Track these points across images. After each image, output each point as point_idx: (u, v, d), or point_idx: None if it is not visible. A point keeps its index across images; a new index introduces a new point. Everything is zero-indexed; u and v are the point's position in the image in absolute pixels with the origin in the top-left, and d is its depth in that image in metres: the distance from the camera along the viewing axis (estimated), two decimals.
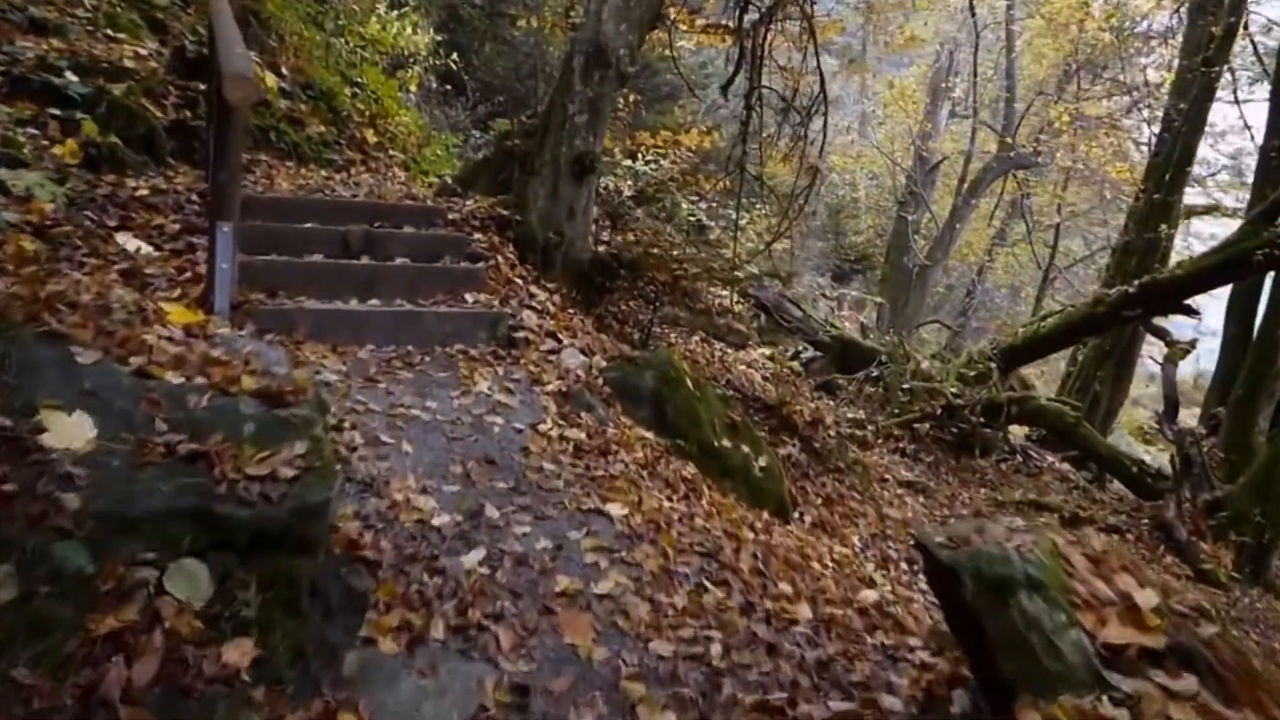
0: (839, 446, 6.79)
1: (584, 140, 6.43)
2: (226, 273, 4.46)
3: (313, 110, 8.19)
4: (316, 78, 8.52)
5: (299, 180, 7.03)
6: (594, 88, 6.39)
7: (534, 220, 6.39)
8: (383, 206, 6.22)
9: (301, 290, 5.08)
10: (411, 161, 9.69)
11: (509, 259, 6.15)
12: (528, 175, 6.55)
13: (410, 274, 5.44)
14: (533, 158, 6.61)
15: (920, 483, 7.75)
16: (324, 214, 5.93)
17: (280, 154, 7.46)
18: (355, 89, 9.06)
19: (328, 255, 5.51)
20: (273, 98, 7.65)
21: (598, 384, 5.06)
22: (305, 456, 2.64)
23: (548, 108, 6.74)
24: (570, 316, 5.87)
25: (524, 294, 5.80)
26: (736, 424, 5.45)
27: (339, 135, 8.42)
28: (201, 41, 6.99)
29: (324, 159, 7.89)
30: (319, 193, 6.63)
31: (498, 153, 7.33)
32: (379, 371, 4.58)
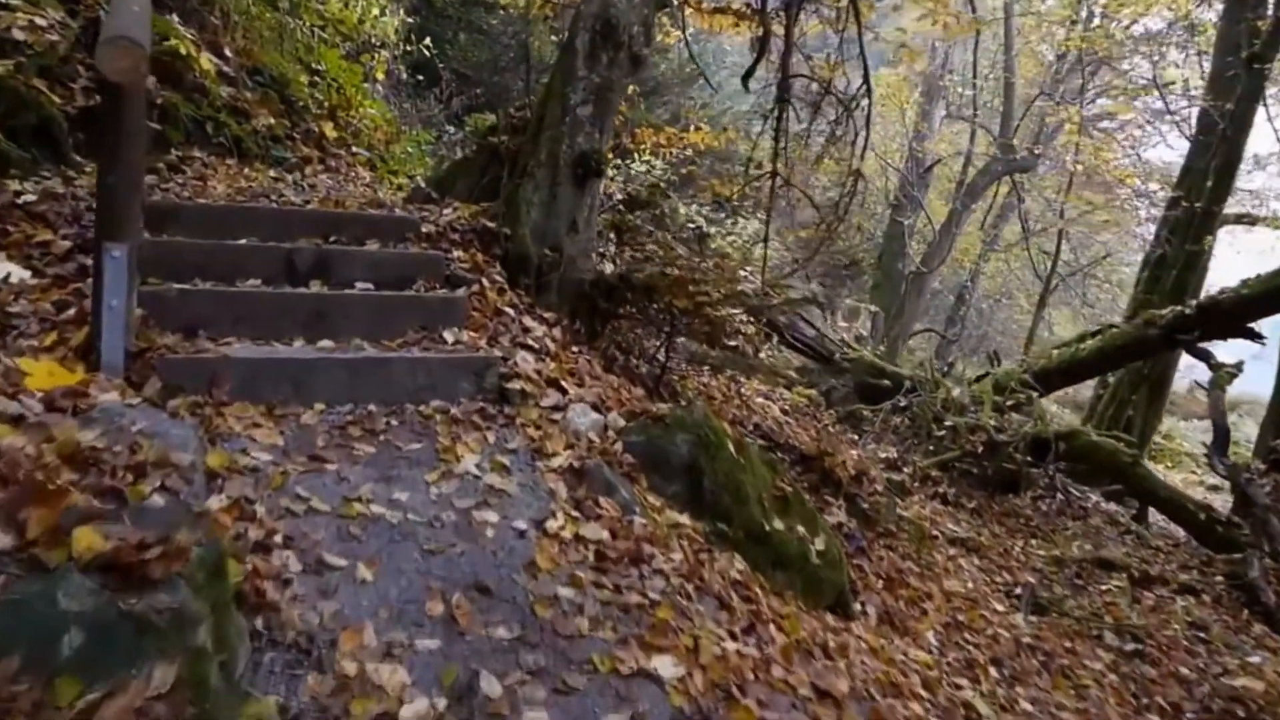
0: (888, 505, 5.68)
1: (588, 137, 5.28)
2: (119, 313, 3.27)
3: (261, 99, 6.97)
4: (267, 62, 7.29)
5: (240, 182, 5.82)
6: (601, 73, 5.24)
7: (526, 234, 5.23)
8: (341, 216, 5.03)
9: (231, 329, 3.90)
10: (378, 160, 8.48)
11: (496, 283, 4.99)
12: (518, 179, 5.38)
13: (373, 305, 4.26)
14: (524, 157, 5.45)
15: (971, 539, 6.67)
16: (266, 226, 4.74)
17: (219, 150, 6.23)
18: (314, 77, 7.84)
19: (268, 281, 4.33)
20: (211, 84, 6.42)
21: (616, 451, 3.92)
22: (170, 698, 1.48)
23: (543, 97, 5.58)
24: (575, 357, 4.72)
25: (516, 328, 4.64)
26: (787, 495, 4.33)
27: (292, 129, 7.20)
28: None
29: (273, 156, 6.68)
30: (263, 197, 5.42)
31: (481, 151, 6.16)
32: (330, 444, 3.41)
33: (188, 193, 5.19)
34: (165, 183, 5.38)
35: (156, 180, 5.37)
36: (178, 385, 3.41)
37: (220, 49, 6.93)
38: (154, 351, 3.47)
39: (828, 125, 6.37)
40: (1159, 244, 11.40)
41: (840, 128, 6.15)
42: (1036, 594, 5.99)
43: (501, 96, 15.72)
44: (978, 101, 20.02)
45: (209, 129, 6.21)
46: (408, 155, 10.08)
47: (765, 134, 6.74)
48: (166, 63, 6.11)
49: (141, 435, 2.80)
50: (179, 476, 2.69)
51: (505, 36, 16.00)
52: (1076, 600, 6.18)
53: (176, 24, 6.69)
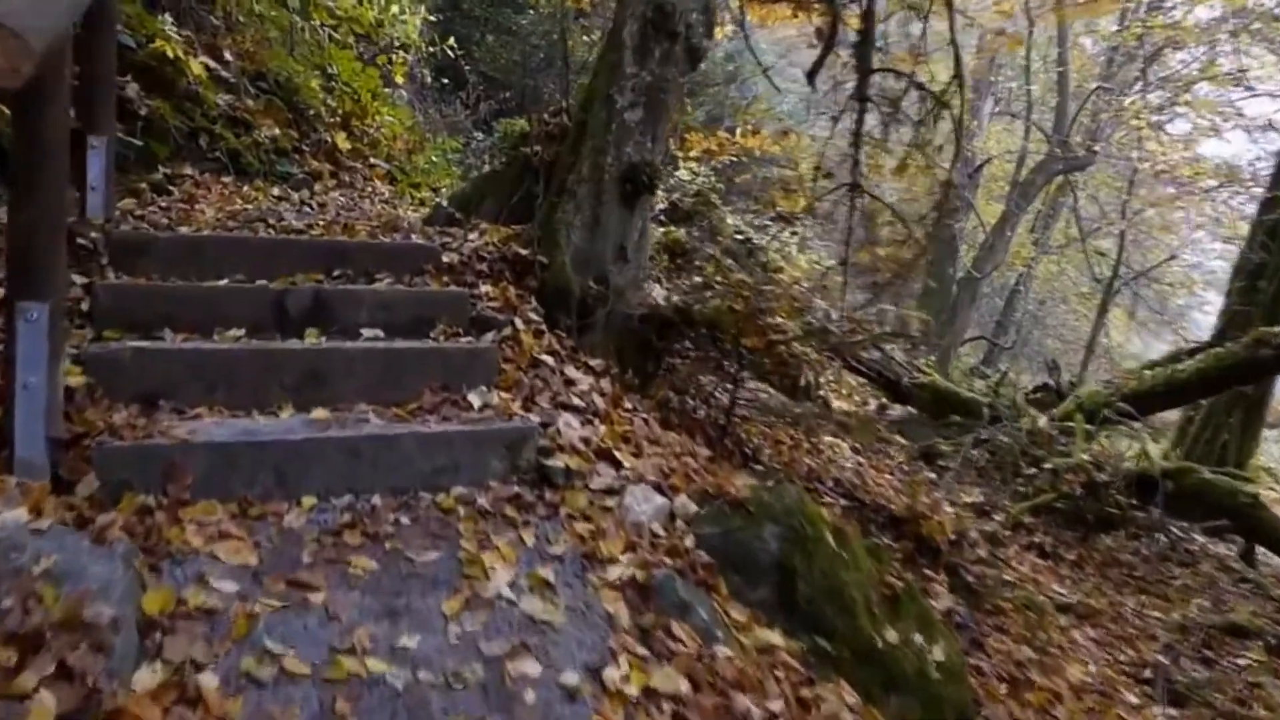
0: (996, 575, 4.80)
1: (638, 146, 4.44)
2: (37, 393, 2.48)
3: (266, 108, 6.21)
4: (274, 67, 6.53)
5: (235, 203, 5.04)
6: (653, 69, 4.40)
7: (566, 262, 4.40)
8: (346, 246, 4.23)
9: (201, 397, 3.11)
10: (398, 171, 7.70)
11: (532, 323, 4.17)
12: (556, 197, 4.56)
13: (381, 360, 3.44)
14: (562, 171, 4.63)
15: (1081, 604, 5.75)
16: (256, 260, 3.95)
17: (213, 166, 5.47)
18: (328, 81, 7.07)
19: (254, 330, 3.53)
20: (206, 91, 5.66)
21: (688, 549, 3.07)
22: None
23: (584, 100, 4.75)
24: (629, 416, 3.88)
25: (558, 382, 3.81)
26: (898, 593, 3.46)
27: (301, 140, 6.44)
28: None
29: (278, 172, 5.91)
30: (259, 222, 4.63)
31: (511, 164, 5.35)
32: (318, 559, 2.59)
33: (169, 219, 4.41)
34: (145, 207, 4.61)
35: (135, 205, 4.61)
36: (122, 483, 2.62)
37: (219, 52, 6.19)
38: (93, 438, 2.68)
39: (910, 126, 5.49)
40: (1253, 250, 10.36)
41: (927, 129, 5.27)
42: (1170, 678, 5.06)
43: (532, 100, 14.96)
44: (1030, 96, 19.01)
45: (202, 142, 5.45)
46: (432, 165, 9.31)
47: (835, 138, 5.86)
48: (153, 68, 5.36)
49: (46, 579, 2.02)
50: (90, 647, 1.91)
51: (535, 37, 15.22)
52: (1214, 682, 5.24)
53: (169, 25, 5.94)
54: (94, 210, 4.04)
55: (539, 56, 15.27)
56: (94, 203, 4.04)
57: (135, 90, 5.04)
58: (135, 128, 5.01)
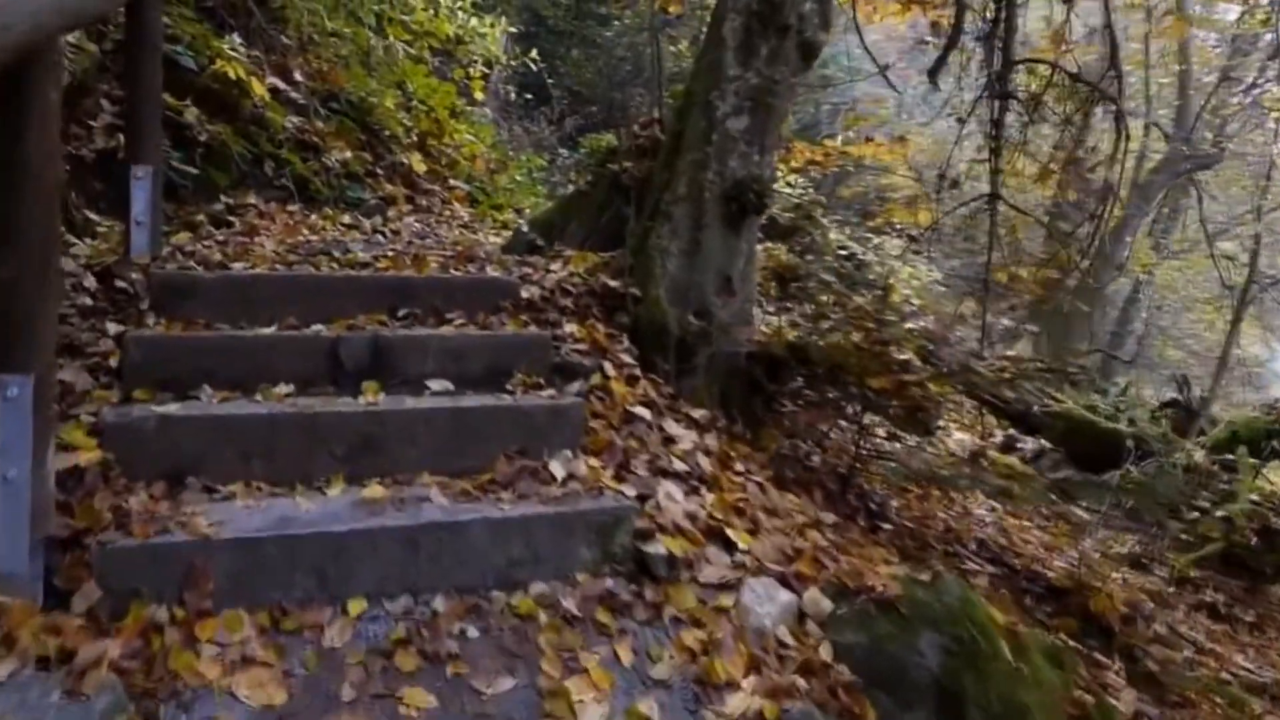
0: (1181, 660, 4.01)
1: (743, 159, 3.84)
2: (21, 488, 2.01)
3: (337, 130, 5.81)
4: (346, 86, 6.14)
5: (299, 234, 4.61)
6: (760, 69, 3.79)
7: (662, 296, 3.81)
8: (413, 283, 3.72)
9: (236, 470, 2.63)
10: (480, 193, 7.25)
11: (624, 367, 3.59)
12: (649, 220, 3.98)
13: (448, 423, 2.91)
14: (656, 190, 4.05)
15: (1272, 683, 4.87)
16: (312, 301, 3.47)
17: (279, 194, 5.07)
18: (406, 99, 6.66)
19: (305, 385, 3.04)
20: (273, 114, 5.28)
21: (823, 663, 2.44)
22: None
23: (679, 109, 4.16)
24: (740, 479, 3.26)
25: (655, 441, 3.22)
26: (1089, 711, 2.75)
27: (375, 163, 6.02)
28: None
29: (348, 198, 5.49)
30: (322, 255, 4.17)
31: (598, 183, 4.80)
32: (363, 692, 2.05)
33: (224, 254, 3.98)
34: (200, 242, 4.21)
35: (190, 239, 4.21)
36: (130, 592, 2.13)
37: (289, 73, 5.82)
38: (97, 534, 2.20)
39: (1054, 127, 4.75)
40: None
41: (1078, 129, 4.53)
42: None
43: (618, 114, 14.51)
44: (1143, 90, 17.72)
45: (267, 169, 5.06)
46: (515, 185, 8.87)
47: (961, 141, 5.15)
48: (216, 91, 4.99)
49: None
50: None
51: (620, 49, 14.78)
52: None
53: (237, 45, 5.59)
54: (139, 248, 3.62)
55: (624, 69, 14.83)
56: (139, 240, 3.63)
57: (195, 115, 4.67)
58: (194, 155, 4.64)
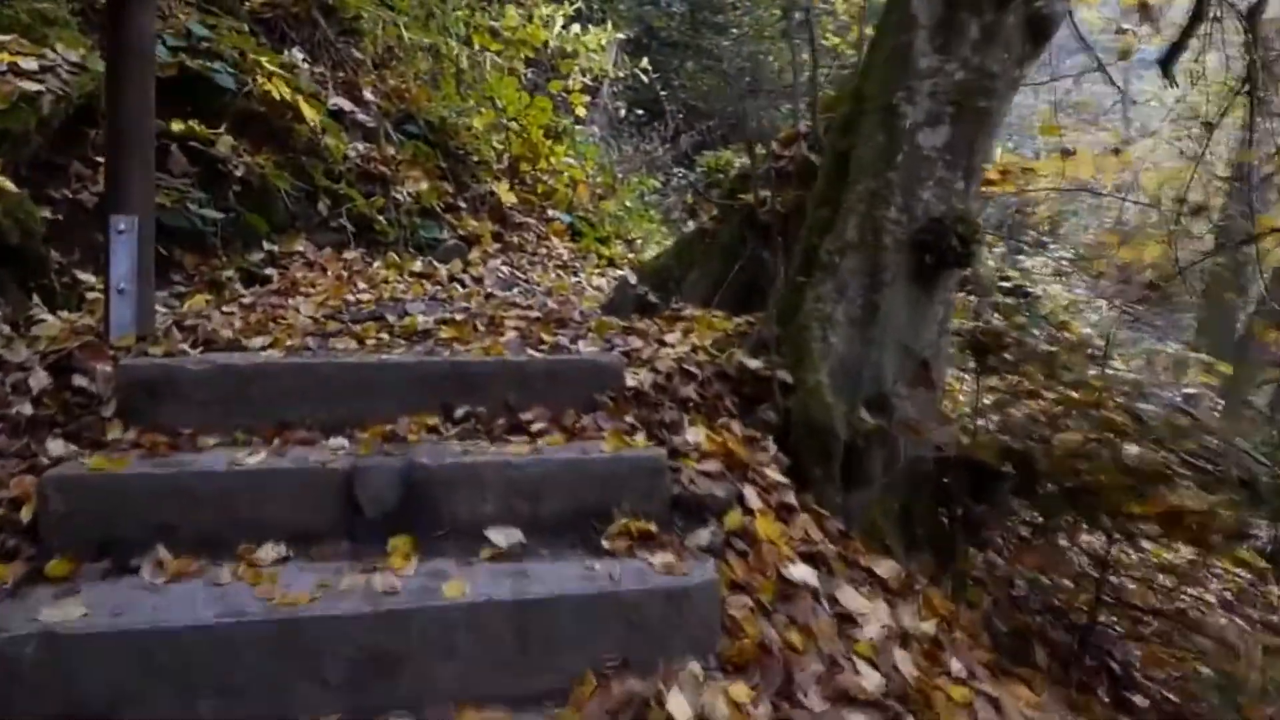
0: None
1: (943, 188, 2.69)
2: None
3: (412, 157, 4.89)
4: (425, 106, 5.23)
5: (351, 291, 3.68)
6: (969, 59, 2.63)
7: (824, 383, 2.69)
8: (476, 369, 2.68)
9: (179, 706, 1.62)
10: (583, 224, 6.25)
11: (773, 492, 2.49)
12: (803, 274, 2.86)
13: (507, 624, 1.86)
14: (811, 233, 2.93)
15: None
16: (334, 397, 2.50)
17: (334, 238, 4.16)
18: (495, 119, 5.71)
19: (303, 544, 2.05)
20: (332, 139, 4.39)
21: None
22: None
23: (844, 118, 3.01)
24: (965, 690, 2.08)
25: (827, 633, 2.09)
26: None
27: (456, 194, 5.08)
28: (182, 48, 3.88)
29: (421, 238, 4.55)
30: (371, 321, 3.21)
31: (725, 219, 3.71)
32: None
33: (243, 324, 3.06)
34: (222, 305, 3.31)
35: (209, 304, 3.33)
36: None
37: (358, 91, 4.94)
38: None
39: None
40: None
41: None
42: None
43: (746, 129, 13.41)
44: None
45: (321, 208, 4.16)
46: (625, 212, 7.86)
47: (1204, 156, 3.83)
48: (260, 116, 4.13)
49: None
50: None
51: (739, 59, 13.69)
52: None
53: (298, 61, 4.75)
54: (120, 325, 2.73)
55: (743, 81, 13.72)
56: (120, 314, 2.74)
57: (230, 145, 3.79)
58: (228, 194, 3.75)
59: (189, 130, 3.69)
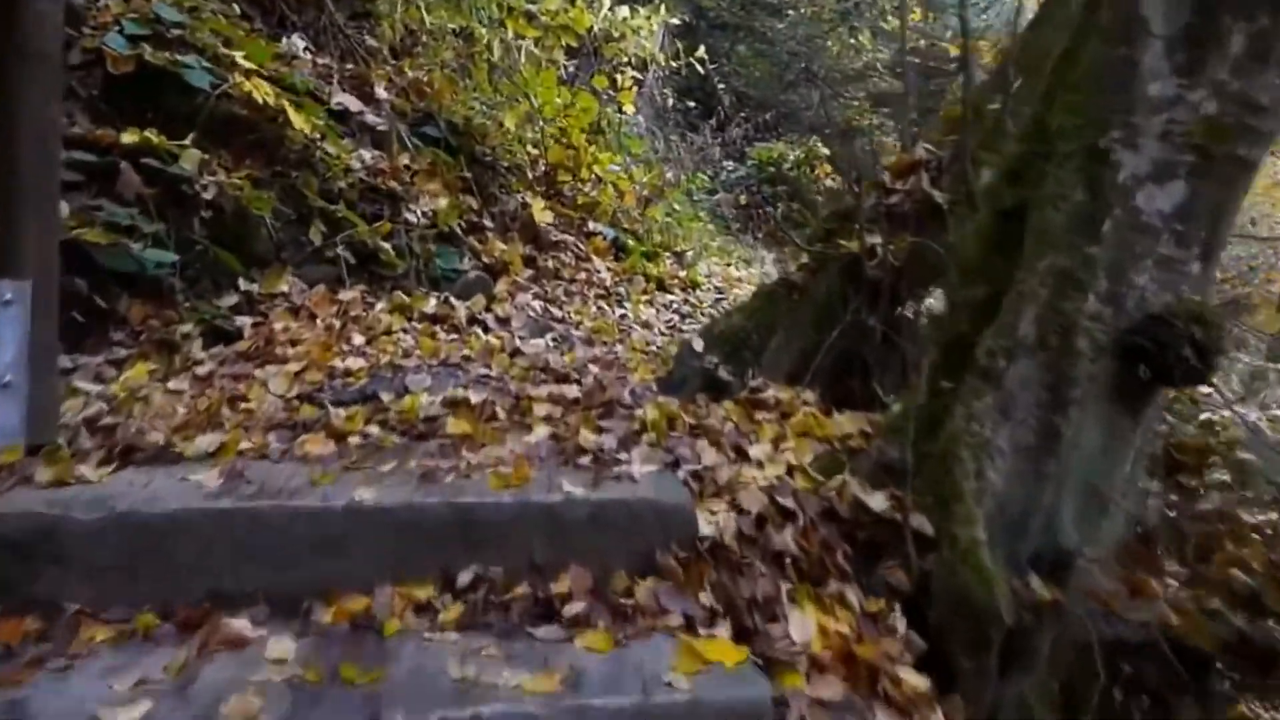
0: None
1: (1169, 271, 1.85)
2: None
3: (430, 166, 4.10)
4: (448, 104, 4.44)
5: (342, 347, 2.92)
6: (1223, 81, 1.78)
7: (978, 539, 1.88)
8: (481, 514, 1.89)
9: None
10: (628, 236, 5.45)
11: (912, 713, 1.67)
12: (946, 376, 2.04)
13: None
14: (951, 318, 2.11)
15: None
16: (281, 560, 1.73)
17: (328, 272, 3.40)
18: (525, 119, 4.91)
19: None
20: (332, 148, 3.62)
21: None
22: None
23: (1016, 163, 2.15)
24: None
25: None
26: None
27: (482, 210, 4.29)
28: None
29: (438, 270, 3.77)
30: (356, 405, 2.44)
31: (820, 270, 2.87)
32: None
33: (200, 404, 2.32)
34: (171, 376, 2.57)
35: (158, 371, 2.58)
36: None
37: (369, 87, 4.16)
38: None
39: None
40: None
41: None
42: None
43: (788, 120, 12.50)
44: None
45: (314, 235, 3.39)
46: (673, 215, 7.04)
47: None
48: (241, 122, 3.37)
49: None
50: None
51: (794, 42, 12.74)
52: None
53: (298, 51, 3.99)
54: (5, 432, 1.98)
55: (798, 66, 12.78)
56: (5, 418, 1.99)
57: (196, 160, 3.03)
58: (193, 223, 3.00)
59: (144, 142, 2.94)
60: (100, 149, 2.90)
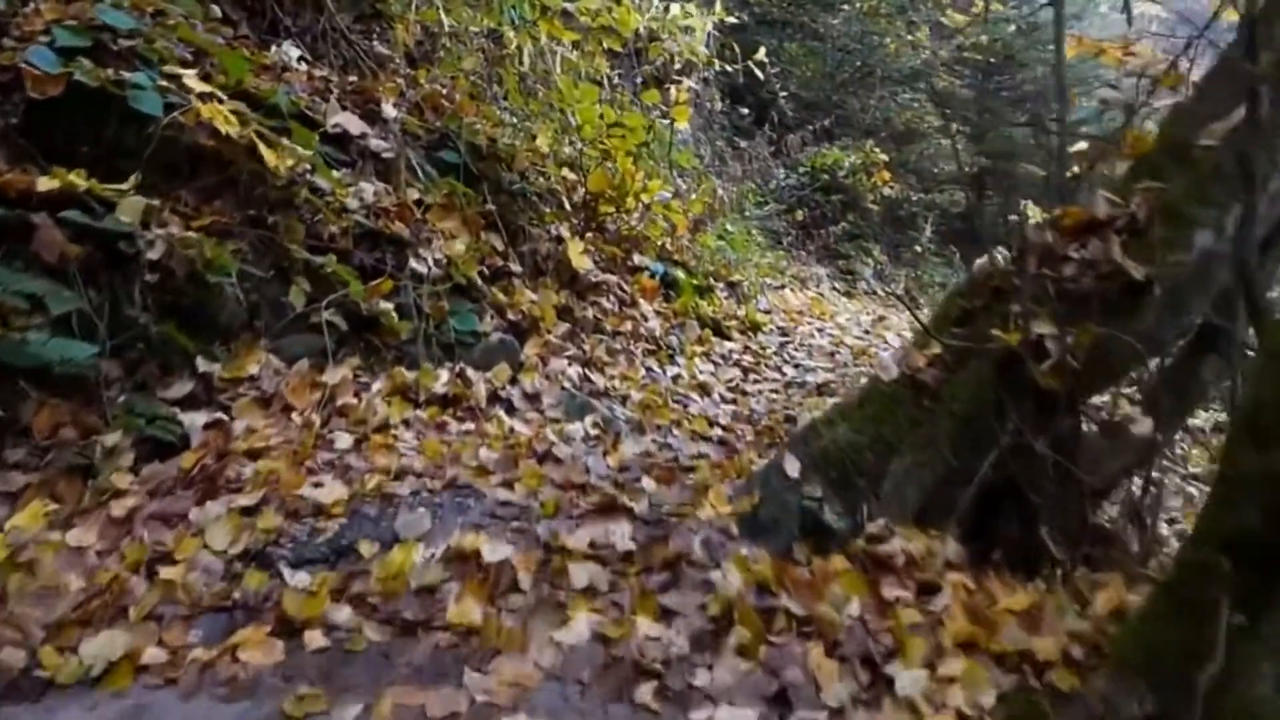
0: None
1: None
2: None
3: (446, 201, 3.39)
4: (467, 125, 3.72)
5: (323, 455, 2.22)
6: None
7: None
8: None
9: None
10: (678, 269, 4.72)
11: None
12: (1240, 608, 1.26)
13: None
14: (1223, 492, 1.33)
15: None
16: None
17: (312, 346, 2.68)
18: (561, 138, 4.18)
19: None
20: (327, 184, 2.92)
21: None
22: None
23: None
24: None
25: None
26: None
27: (508, 250, 3.57)
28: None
29: (452, 333, 3.05)
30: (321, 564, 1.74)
31: (960, 365, 2.09)
32: None
33: (103, 577, 1.63)
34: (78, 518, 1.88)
35: (60, 511, 1.89)
36: None
37: (375, 104, 3.46)
38: None
39: None
40: None
41: None
42: None
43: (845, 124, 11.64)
44: None
45: (294, 298, 2.68)
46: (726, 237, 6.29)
47: None
48: (205, 154, 2.67)
49: None
50: None
51: (848, 39, 11.88)
52: None
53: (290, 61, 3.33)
54: None
55: (853, 64, 11.93)
56: None
57: (136, 210, 2.34)
58: (131, 293, 2.30)
59: (69, 187, 2.25)
60: (9, 199, 2.22)
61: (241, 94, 2.92)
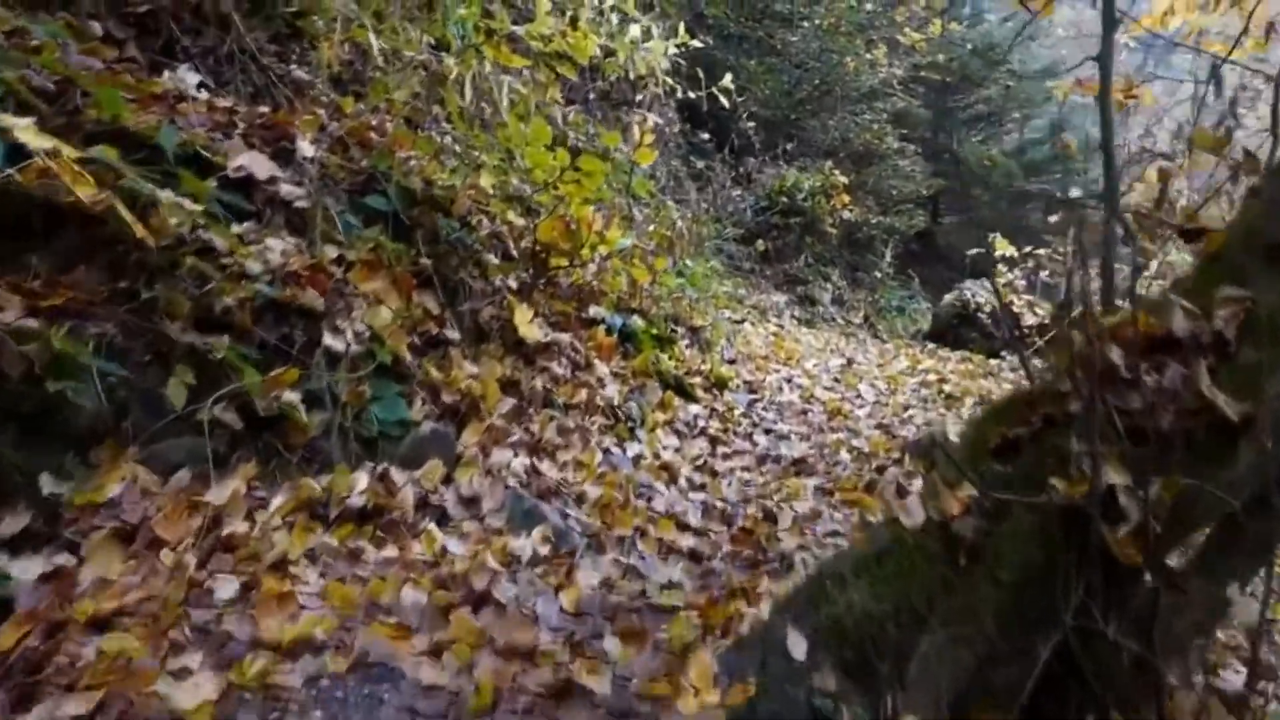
0: None
1: None
2: None
3: (372, 257, 2.89)
4: (399, 163, 3.23)
5: (197, 612, 1.71)
6: None
7: None
8: None
9: None
10: (637, 318, 4.27)
11: None
12: None
13: None
14: None
15: None
16: None
17: (197, 446, 2.17)
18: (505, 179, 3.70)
19: None
20: (223, 243, 2.41)
21: None
22: None
23: None
24: None
25: None
26: None
27: (444, 313, 3.08)
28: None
29: (374, 424, 2.56)
30: None
31: (1002, 515, 1.67)
32: None
33: None
34: None
35: None
36: None
37: (289, 140, 2.95)
38: None
39: None
40: None
41: None
42: None
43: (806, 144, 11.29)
44: None
45: (176, 389, 2.17)
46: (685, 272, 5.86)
47: None
48: (59, 214, 2.16)
49: None
50: None
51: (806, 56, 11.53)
52: None
53: (188, 88, 2.82)
54: None
55: (812, 82, 11.57)
56: None
57: None
58: None
59: None
60: None
61: (118, 133, 2.41)
